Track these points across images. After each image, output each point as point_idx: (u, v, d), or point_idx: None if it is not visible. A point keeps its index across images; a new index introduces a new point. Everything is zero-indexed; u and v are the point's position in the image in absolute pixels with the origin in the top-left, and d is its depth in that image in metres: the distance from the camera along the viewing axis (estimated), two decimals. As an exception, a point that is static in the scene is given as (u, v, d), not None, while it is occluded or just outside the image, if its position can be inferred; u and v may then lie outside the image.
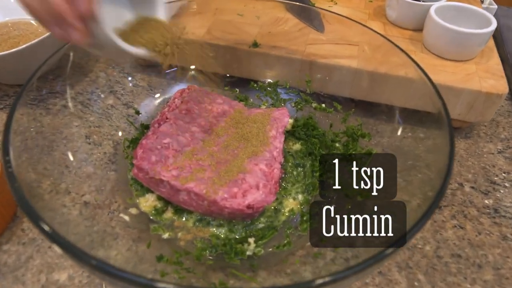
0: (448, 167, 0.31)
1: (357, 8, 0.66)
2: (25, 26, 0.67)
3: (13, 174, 0.30)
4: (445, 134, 0.35)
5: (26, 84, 0.39)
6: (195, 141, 0.43)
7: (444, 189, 0.30)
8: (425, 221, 0.28)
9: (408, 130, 0.49)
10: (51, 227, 0.28)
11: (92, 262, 0.25)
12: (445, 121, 0.35)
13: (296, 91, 0.55)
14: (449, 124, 0.34)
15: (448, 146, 0.33)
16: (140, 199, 0.43)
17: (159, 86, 0.60)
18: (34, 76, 0.40)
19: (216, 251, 0.39)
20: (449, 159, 0.31)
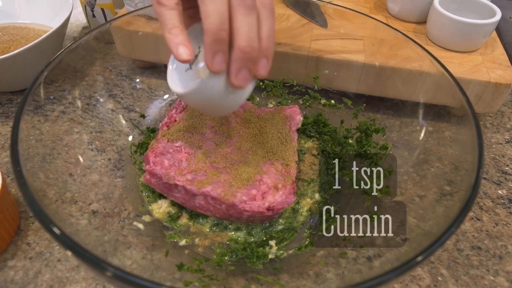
0: (479, 160, 0.30)
1: (358, 2, 0.65)
2: (14, 30, 0.65)
3: (28, 186, 0.28)
4: (470, 127, 0.34)
5: (29, 92, 0.37)
6: (207, 142, 0.42)
7: (478, 183, 0.29)
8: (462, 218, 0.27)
9: (417, 123, 0.49)
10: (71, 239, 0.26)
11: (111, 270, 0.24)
12: (470, 114, 0.35)
13: (304, 88, 0.54)
14: (475, 118, 0.34)
15: (476, 139, 0.32)
16: (152, 206, 0.41)
17: (160, 88, 0.59)
18: (35, 83, 0.38)
19: (236, 256, 0.37)
20: (479, 152, 0.31)
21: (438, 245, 0.26)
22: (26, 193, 0.27)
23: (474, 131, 0.33)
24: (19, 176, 0.28)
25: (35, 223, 0.44)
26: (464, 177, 0.35)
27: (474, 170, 0.30)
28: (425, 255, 0.25)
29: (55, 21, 0.64)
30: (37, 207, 0.26)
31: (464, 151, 0.38)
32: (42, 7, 0.65)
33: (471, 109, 0.35)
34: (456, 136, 0.43)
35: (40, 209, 0.26)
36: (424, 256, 0.25)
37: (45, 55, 0.59)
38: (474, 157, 0.31)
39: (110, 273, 0.23)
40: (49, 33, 0.55)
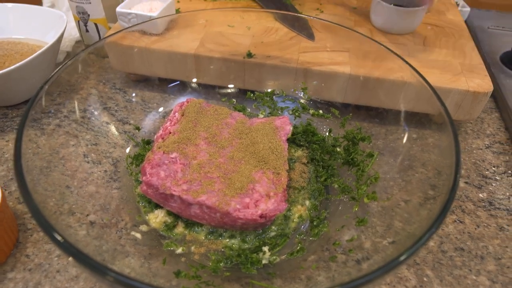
0: (456, 164, 0.32)
1: (343, 16, 0.68)
2: (9, 45, 0.66)
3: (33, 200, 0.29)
4: (448, 134, 0.37)
5: (30, 107, 0.38)
6: (201, 153, 0.44)
7: (455, 187, 0.31)
8: (442, 219, 0.29)
9: (401, 131, 0.51)
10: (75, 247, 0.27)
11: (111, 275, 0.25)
12: (447, 122, 0.37)
13: (293, 99, 0.56)
14: (452, 125, 0.36)
15: (454, 145, 0.34)
16: (149, 216, 0.43)
17: (153, 100, 0.60)
18: (36, 99, 0.39)
19: (231, 262, 0.39)
20: (456, 157, 0.33)
21: (420, 245, 0.28)
22: (32, 206, 0.29)
23: (451, 137, 0.35)
24: (24, 189, 0.30)
25: (33, 235, 0.45)
26: (445, 182, 0.37)
27: (452, 174, 0.32)
28: (408, 254, 0.27)
29: (49, 36, 0.66)
30: (42, 218, 0.28)
31: (444, 156, 0.41)
32: (36, 23, 0.67)
33: (449, 117, 0.37)
34: (438, 142, 0.46)
35: (45, 220, 0.28)
36: (407, 255, 0.27)
37: (40, 69, 0.60)
38: (452, 162, 0.34)
39: (111, 278, 0.25)
40: (45, 49, 0.56)
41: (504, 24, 0.83)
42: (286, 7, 0.68)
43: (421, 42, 0.62)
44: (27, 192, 0.30)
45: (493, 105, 0.66)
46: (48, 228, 0.27)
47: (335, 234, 0.42)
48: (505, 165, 0.55)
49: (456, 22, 0.68)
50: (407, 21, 0.61)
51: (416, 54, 0.59)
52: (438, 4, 0.73)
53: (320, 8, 0.70)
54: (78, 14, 0.66)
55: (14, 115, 0.61)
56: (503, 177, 0.54)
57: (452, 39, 0.63)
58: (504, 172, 0.55)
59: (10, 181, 0.51)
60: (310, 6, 0.71)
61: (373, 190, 0.44)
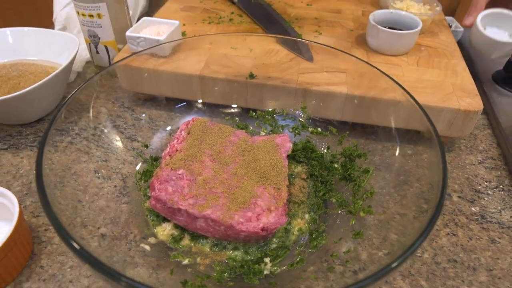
0: (443, 180, 0.35)
1: (341, 37, 0.72)
2: (23, 67, 0.69)
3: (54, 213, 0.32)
4: (436, 150, 0.39)
5: (49, 128, 0.41)
6: (206, 170, 0.46)
7: (442, 200, 0.34)
8: (429, 230, 0.32)
9: (397, 147, 0.54)
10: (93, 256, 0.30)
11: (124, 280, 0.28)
12: (434, 138, 0.40)
13: (293, 117, 0.59)
14: (439, 141, 0.39)
15: (441, 161, 0.37)
16: (157, 229, 0.45)
17: (160, 118, 0.63)
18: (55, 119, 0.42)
19: (234, 272, 0.41)
20: (443, 172, 0.36)
21: (409, 253, 0.30)
22: (53, 218, 0.31)
23: (439, 153, 0.38)
24: (46, 203, 0.33)
25: (47, 248, 0.48)
26: (436, 195, 0.39)
27: (439, 189, 0.35)
28: (399, 261, 0.30)
29: (62, 58, 0.69)
30: (62, 229, 0.31)
31: (435, 171, 0.43)
32: (50, 45, 0.70)
33: (436, 134, 0.40)
34: (431, 158, 0.48)
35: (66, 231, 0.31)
36: (398, 263, 0.30)
37: (53, 89, 0.63)
38: (439, 177, 0.36)
39: (124, 283, 0.27)
40: (59, 70, 0.60)
41: (497, 43, 0.87)
42: (286, 29, 0.72)
43: (414, 62, 0.65)
44: (48, 206, 0.32)
45: (486, 122, 0.69)
46: (68, 238, 0.30)
47: (333, 246, 0.44)
48: (497, 180, 0.58)
49: (448, 43, 0.71)
50: (401, 44, 0.64)
51: (410, 74, 0.62)
52: (432, 26, 0.76)
53: (318, 30, 0.73)
54: (90, 37, 0.70)
55: (28, 133, 0.64)
56: (495, 192, 0.56)
57: (444, 60, 0.66)
58: (496, 186, 0.57)
59: (25, 196, 0.54)
60: (309, 29, 0.74)
61: (369, 205, 0.47)
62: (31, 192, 0.55)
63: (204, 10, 0.81)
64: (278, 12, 0.79)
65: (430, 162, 0.48)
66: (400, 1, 0.76)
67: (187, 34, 0.72)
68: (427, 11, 0.73)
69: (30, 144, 0.63)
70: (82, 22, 0.68)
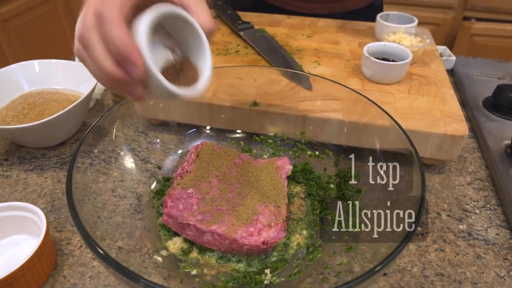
0: (421, 197, 0.40)
1: (338, 67, 0.77)
2: (48, 95, 0.76)
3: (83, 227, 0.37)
4: (417, 171, 0.44)
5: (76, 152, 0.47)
6: (213, 189, 0.51)
7: (419, 216, 0.38)
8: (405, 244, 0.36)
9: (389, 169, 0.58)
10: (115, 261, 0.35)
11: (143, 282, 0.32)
12: (416, 161, 0.44)
13: (293, 141, 0.64)
14: (419, 162, 0.44)
15: (420, 180, 0.42)
16: (168, 242, 0.50)
17: (171, 142, 0.69)
18: (82, 144, 0.48)
19: (238, 282, 0.46)
20: (422, 190, 0.40)
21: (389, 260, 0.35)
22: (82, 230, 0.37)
23: (418, 174, 0.43)
24: (76, 217, 0.38)
25: (69, 259, 0.53)
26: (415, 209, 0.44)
27: (417, 207, 0.40)
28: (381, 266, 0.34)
29: (83, 87, 0.76)
30: (91, 239, 0.36)
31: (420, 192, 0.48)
32: (72, 75, 0.77)
33: (417, 156, 0.45)
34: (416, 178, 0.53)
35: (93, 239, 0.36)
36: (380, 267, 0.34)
37: (75, 116, 0.70)
38: (418, 196, 0.41)
39: (143, 284, 0.32)
40: (82, 99, 0.66)
41: (488, 71, 0.92)
42: (288, 60, 0.78)
43: (406, 91, 0.70)
44: (78, 220, 0.38)
45: (476, 145, 0.73)
46: (95, 246, 0.35)
47: (328, 260, 0.48)
48: (484, 199, 0.62)
49: (438, 72, 0.76)
50: (392, 73, 0.70)
51: (401, 101, 0.67)
52: (423, 56, 0.82)
53: (318, 61, 0.80)
54: (108, 68, 0.77)
55: (51, 155, 0.70)
56: (482, 211, 0.60)
57: (434, 88, 0.71)
58: (483, 206, 0.61)
59: (49, 213, 0.59)
60: (309, 59, 0.80)
61: (361, 221, 0.51)
62: (54, 209, 0.60)
63: (212, 42, 0.88)
64: (281, 44, 0.85)
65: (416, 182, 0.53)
66: (393, 33, 0.82)
67: (197, 65, 0.78)
68: (418, 43, 0.79)
69: (53, 166, 0.68)
70: (102, 55, 0.76)
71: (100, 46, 0.34)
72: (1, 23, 1.86)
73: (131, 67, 0.34)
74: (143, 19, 0.36)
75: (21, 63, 0.77)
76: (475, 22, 2.08)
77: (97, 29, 0.34)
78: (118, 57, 0.34)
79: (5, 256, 0.51)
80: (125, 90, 0.37)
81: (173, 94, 0.38)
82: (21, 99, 0.75)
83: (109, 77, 0.35)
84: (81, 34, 0.35)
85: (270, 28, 0.95)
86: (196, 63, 0.44)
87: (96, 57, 0.34)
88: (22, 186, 0.64)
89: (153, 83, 0.37)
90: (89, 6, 0.35)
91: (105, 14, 0.33)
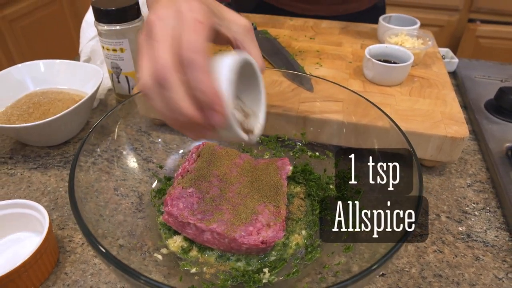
0: (418, 197, 0.40)
1: (340, 69, 0.78)
2: (52, 95, 0.77)
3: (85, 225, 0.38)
4: (415, 172, 0.44)
5: (79, 152, 0.48)
6: (213, 189, 0.52)
7: (417, 216, 0.39)
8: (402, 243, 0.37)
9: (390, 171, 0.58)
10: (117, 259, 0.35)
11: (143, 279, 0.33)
12: (414, 162, 0.45)
13: (293, 142, 0.65)
14: (418, 164, 0.44)
15: (418, 181, 0.42)
16: (168, 241, 0.51)
17: (173, 142, 0.69)
18: (84, 143, 0.49)
19: (236, 281, 0.46)
20: (419, 191, 0.40)
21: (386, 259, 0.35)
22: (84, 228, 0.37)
23: (417, 173, 0.43)
24: (78, 215, 0.39)
25: (71, 257, 0.53)
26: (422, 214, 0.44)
27: (414, 207, 0.40)
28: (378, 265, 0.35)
29: (87, 87, 0.77)
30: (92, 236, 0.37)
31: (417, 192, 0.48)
32: (77, 75, 0.78)
33: (415, 156, 0.45)
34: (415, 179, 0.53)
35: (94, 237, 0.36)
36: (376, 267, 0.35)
37: (79, 115, 0.71)
38: (415, 197, 0.41)
39: (143, 281, 0.33)
40: (86, 99, 0.67)
41: (490, 73, 0.92)
42: (290, 62, 0.78)
43: (407, 92, 0.71)
44: (80, 218, 0.38)
45: (477, 147, 0.73)
46: (96, 244, 0.36)
47: (326, 259, 0.49)
48: (484, 202, 0.62)
49: (440, 74, 0.76)
50: (394, 75, 0.70)
51: (402, 103, 0.68)
52: (425, 58, 0.82)
53: (319, 62, 0.80)
54: (112, 68, 0.78)
55: (55, 154, 0.71)
56: (481, 213, 0.60)
57: (435, 90, 0.72)
58: (483, 208, 0.61)
59: (52, 210, 0.60)
60: (311, 61, 0.81)
61: (360, 222, 0.51)
62: (57, 207, 0.61)
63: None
64: (283, 45, 0.86)
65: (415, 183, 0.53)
66: (395, 35, 0.83)
67: (200, 66, 0.79)
68: (420, 45, 0.80)
69: (57, 164, 0.69)
70: (106, 55, 0.76)
71: (181, 90, 0.33)
72: (8, 23, 1.88)
73: (213, 114, 0.34)
74: (227, 67, 0.36)
75: (26, 63, 0.79)
76: (480, 24, 2.07)
77: (179, 72, 0.33)
78: (202, 104, 0.34)
79: (8, 253, 0.52)
80: (196, 131, 0.37)
81: (240, 139, 0.40)
82: (26, 99, 0.76)
83: (185, 119, 0.34)
84: (158, 75, 0.33)
85: (273, 30, 0.95)
86: (251, 105, 0.46)
87: (174, 99, 0.33)
88: (26, 184, 0.65)
89: (226, 128, 0.38)
90: (163, 34, 0.34)
91: (191, 60, 0.33)
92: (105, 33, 0.73)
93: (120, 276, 0.38)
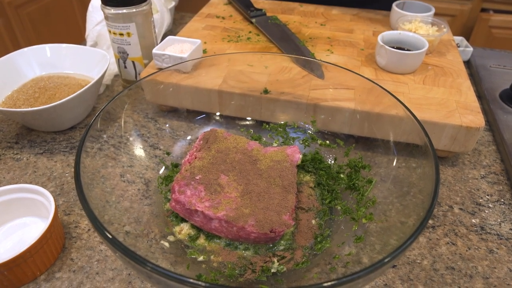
0: (435, 189, 0.38)
1: (351, 56, 0.76)
2: (58, 79, 0.76)
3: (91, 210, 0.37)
4: (431, 163, 0.43)
5: (85, 136, 0.47)
6: (221, 176, 0.51)
7: (432, 208, 0.37)
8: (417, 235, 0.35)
9: (402, 160, 0.57)
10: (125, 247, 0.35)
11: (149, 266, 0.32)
12: (431, 152, 0.43)
13: (303, 130, 0.63)
14: (434, 154, 0.42)
15: (434, 172, 0.40)
16: (175, 228, 0.50)
17: (180, 128, 0.68)
18: (90, 128, 0.48)
19: (245, 270, 0.45)
20: (435, 183, 0.39)
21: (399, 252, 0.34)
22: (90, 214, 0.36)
23: (433, 165, 0.41)
24: (84, 200, 0.38)
25: (77, 243, 0.53)
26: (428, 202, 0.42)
27: (430, 199, 0.38)
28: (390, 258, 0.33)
29: (94, 72, 0.76)
30: (98, 222, 0.36)
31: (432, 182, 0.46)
32: (83, 60, 0.77)
33: (431, 146, 0.43)
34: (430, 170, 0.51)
35: (100, 223, 0.35)
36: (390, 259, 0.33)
37: (85, 100, 0.70)
38: (432, 188, 0.40)
39: (149, 268, 0.32)
40: (91, 84, 0.66)
41: (506, 63, 0.89)
42: (300, 48, 0.77)
43: (421, 81, 0.69)
44: (86, 203, 0.37)
45: (491, 138, 0.71)
46: (103, 229, 0.35)
47: (336, 250, 0.48)
48: (498, 194, 0.60)
49: (455, 63, 0.74)
50: (407, 63, 0.68)
51: (416, 92, 0.66)
52: (440, 46, 0.80)
53: (331, 49, 0.78)
54: (119, 53, 0.77)
55: (61, 139, 0.70)
56: (495, 205, 0.59)
57: (450, 79, 0.69)
58: (497, 200, 0.59)
59: (58, 196, 0.60)
60: (322, 48, 0.79)
61: (371, 212, 0.50)
62: (63, 193, 0.61)
63: (224, 29, 0.87)
64: (293, 32, 0.84)
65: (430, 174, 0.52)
66: (409, 22, 0.80)
67: (208, 52, 0.78)
68: (434, 32, 0.77)
69: (63, 150, 0.69)
70: (113, 40, 0.75)
71: None
72: (14, 9, 1.87)
73: None
74: None
75: (32, 47, 0.77)
76: (493, 14, 2.02)
77: None
78: None
79: (14, 238, 0.52)
80: None
81: None
82: (32, 83, 0.75)
83: None
84: None
85: (283, 16, 0.93)
86: None
87: None
88: (32, 169, 0.64)
89: None
90: None
91: None
92: (111, 16, 0.71)
93: (126, 263, 0.37)
